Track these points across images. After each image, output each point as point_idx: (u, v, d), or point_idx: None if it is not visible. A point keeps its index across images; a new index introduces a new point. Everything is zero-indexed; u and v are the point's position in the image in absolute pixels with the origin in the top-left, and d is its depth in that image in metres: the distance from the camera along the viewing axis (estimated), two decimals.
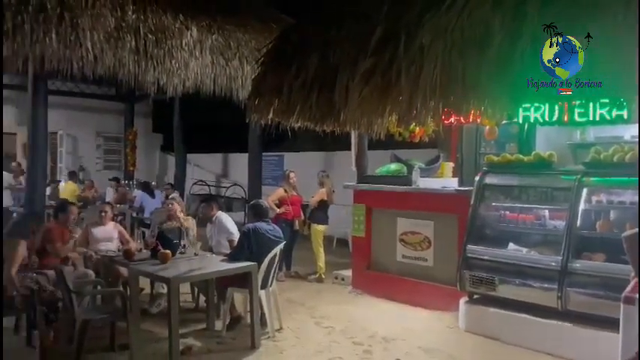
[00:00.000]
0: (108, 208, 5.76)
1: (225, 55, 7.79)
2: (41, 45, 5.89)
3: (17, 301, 3.97)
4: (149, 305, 5.32)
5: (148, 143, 15.81)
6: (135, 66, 6.81)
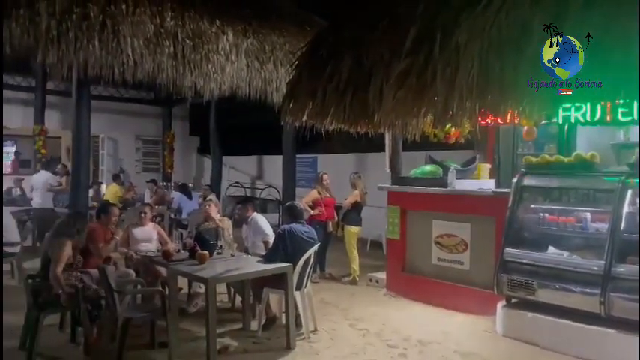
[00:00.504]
0: (147, 210, 5.92)
1: (260, 58, 7.91)
2: (85, 52, 6.12)
3: (63, 299, 4.12)
4: (187, 304, 5.43)
5: (185, 146, 16.15)
6: (173, 71, 6.99)
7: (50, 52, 5.94)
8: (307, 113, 5.10)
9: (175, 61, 6.92)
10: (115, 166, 14.54)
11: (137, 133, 15.34)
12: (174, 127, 15.36)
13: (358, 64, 4.57)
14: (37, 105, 12.41)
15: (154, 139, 15.66)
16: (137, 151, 15.57)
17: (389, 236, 6.57)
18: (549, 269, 4.55)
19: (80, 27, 5.99)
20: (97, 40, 6.15)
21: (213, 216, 6.01)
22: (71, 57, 6.08)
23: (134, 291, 4.78)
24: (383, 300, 6.17)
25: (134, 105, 14.71)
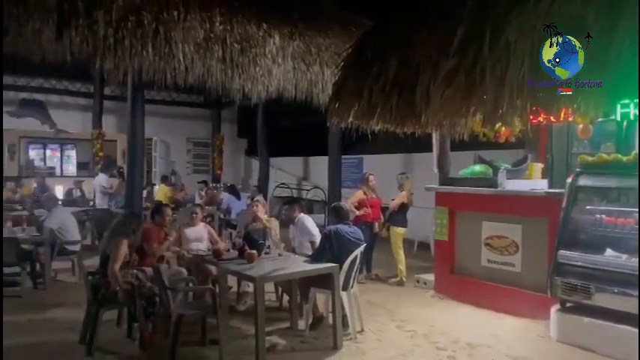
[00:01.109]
0: (198, 210, 6.09)
1: (306, 60, 7.97)
2: (139, 58, 6.37)
3: (120, 296, 4.31)
4: (236, 303, 5.55)
5: (233, 148, 16.50)
6: (222, 74, 7.16)
7: (107, 59, 6.23)
8: (353, 114, 5.12)
9: (224, 65, 7.08)
10: (167, 167, 15.03)
11: (188, 135, 15.81)
12: (223, 129, 15.74)
13: (405, 63, 4.54)
14: (95, 110, 13.02)
15: (203, 142, 16.09)
16: (188, 153, 16.04)
17: (437, 237, 6.48)
18: (607, 272, 4.37)
19: (135, 34, 6.22)
20: (151, 46, 6.38)
21: (260, 216, 6.11)
22: (127, 63, 6.34)
23: (187, 289, 4.93)
24: (430, 302, 6.09)
25: (185, 108, 15.17)
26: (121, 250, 4.40)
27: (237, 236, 6.01)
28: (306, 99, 8.24)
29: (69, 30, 5.86)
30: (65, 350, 4.37)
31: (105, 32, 6.04)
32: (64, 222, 6.78)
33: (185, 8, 6.67)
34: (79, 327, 4.67)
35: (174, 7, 6.59)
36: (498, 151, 7.19)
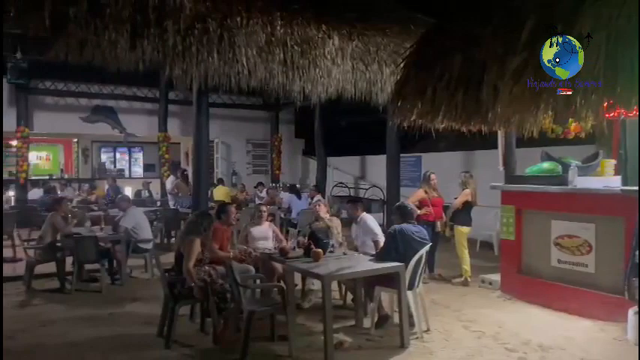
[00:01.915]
0: (264, 209, 6.26)
1: (365, 60, 7.99)
2: (205, 64, 6.62)
3: (195, 292, 4.52)
4: (301, 300, 5.67)
5: (291, 148, 16.76)
6: (283, 77, 7.32)
7: (176, 65, 6.52)
8: (417, 112, 5.08)
9: (285, 68, 7.22)
10: (228, 168, 15.49)
11: (247, 137, 16.21)
12: (281, 130, 16.04)
13: (469, 60, 4.46)
14: (161, 114, 13.61)
15: (262, 143, 16.45)
16: (248, 154, 16.45)
17: (503, 237, 6.34)
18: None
19: (201, 41, 6.47)
20: (216, 52, 6.62)
21: (323, 216, 6.21)
22: (194, 69, 6.61)
23: (257, 286, 5.08)
24: (497, 302, 5.97)
25: (244, 110, 15.56)
26: (194, 248, 4.61)
27: (300, 235, 6.13)
28: (365, 98, 8.26)
29: (141, 39, 6.18)
30: (144, 342, 4.63)
31: (174, 40, 6.31)
32: (138, 221, 7.15)
33: (247, 13, 6.86)
34: (154, 321, 4.95)
35: (238, 13, 6.79)
36: (566, 147, 6.93)
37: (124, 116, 14.20)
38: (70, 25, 5.68)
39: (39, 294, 6.36)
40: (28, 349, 4.50)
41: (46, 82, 12.89)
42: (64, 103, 13.52)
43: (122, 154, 16.96)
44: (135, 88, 13.98)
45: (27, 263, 6.56)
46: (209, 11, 6.58)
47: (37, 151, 14.62)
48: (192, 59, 6.54)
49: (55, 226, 6.65)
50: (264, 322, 4.66)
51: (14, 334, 4.84)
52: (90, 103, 13.73)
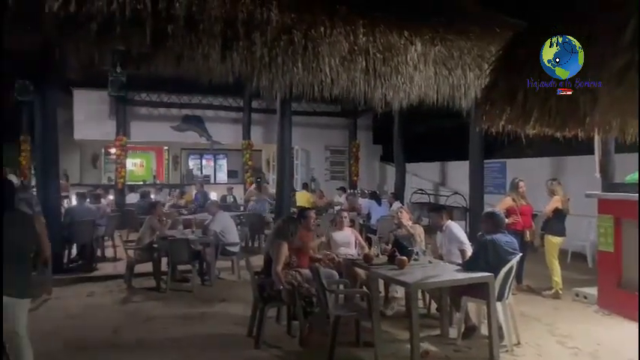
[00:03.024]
0: (345, 215, 6.33)
1: (448, 65, 7.86)
2: (290, 74, 6.84)
3: (283, 294, 4.67)
4: (384, 307, 5.66)
5: (369, 154, 16.77)
6: (365, 84, 7.39)
7: (263, 76, 6.78)
8: (506, 118, 4.93)
9: (367, 75, 7.29)
10: (307, 175, 15.78)
11: (326, 143, 16.43)
12: (359, 136, 16.12)
13: None
14: (245, 122, 14.17)
15: (340, 149, 16.61)
16: (326, 161, 16.66)
17: (601, 248, 5.96)
18: None
19: (287, 52, 6.69)
20: (300, 62, 6.82)
21: (405, 223, 6.18)
22: (279, 79, 6.85)
23: (343, 291, 5.13)
24: (594, 317, 5.62)
25: (323, 118, 15.81)
26: (282, 252, 4.77)
27: (383, 242, 6.13)
28: (447, 103, 8.14)
29: (231, 52, 6.50)
30: (236, 341, 4.84)
31: (261, 52, 6.59)
32: (226, 225, 7.49)
33: (331, 23, 7.01)
34: (243, 321, 5.16)
35: (321, 23, 6.95)
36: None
37: (211, 125, 14.92)
38: (168, 40, 6.11)
39: (138, 291, 6.84)
40: (132, 343, 4.86)
41: (141, 94, 13.86)
42: (157, 113, 14.45)
43: (208, 160, 17.82)
44: (221, 98, 14.66)
45: (127, 263, 7.08)
46: (294, 22, 6.79)
47: (133, 159, 15.73)
48: (277, 70, 6.79)
49: (151, 228, 7.13)
50: (349, 327, 4.72)
51: (119, 328, 5.26)
52: (180, 112, 14.58)
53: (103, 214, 8.84)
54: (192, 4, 6.14)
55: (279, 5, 6.70)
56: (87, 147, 15.49)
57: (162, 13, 5.95)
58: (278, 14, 6.67)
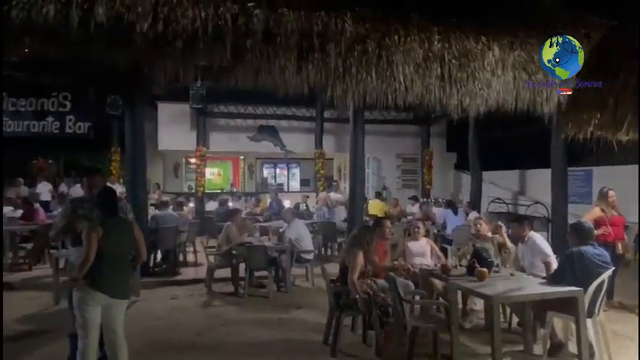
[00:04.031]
0: (420, 225, 6.25)
1: (528, 69, 7.56)
2: (364, 83, 6.87)
3: (360, 303, 4.68)
4: (462, 320, 5.49)
5: (442, 162, 16.42)
6: (440, 91, 7.27)
7: (337, 86, 6.87)
8: (595, 124, 4.67)
9: (442, 82, 7.17)
10: (378, 183, 15.70)
11: (397, 151, 16.28)
12: (431, 144, 15.83)
13: None
14: (317, 132, 14.37)
15: (412, 157, 16.39)
16: (397, 169, 16.50)
17: None
18: None
19: (361, 61, 6.74)
20: (374, 71, 6.84)
21: (484, 233, 5.99)
22: (353, 89, 6.90)
23: (421, 302, 5.04)
24: None
25: (395, 126, 15.70)
26: (357, 261, 4.78)
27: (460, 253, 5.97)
28: (528, 109, 7.82)
29: (306, 64, 6.65)
30: (312, 349, 4.90)
31: (335, 63, 6.68)
32: (300, 233, 7.62)
33: (405, 31, 6.98)
34: (319, 328, 5.21)
35: (395, 32, 6.94)
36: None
37: (284, 134, 15.27)
38: (247, 54, 6.36)
39: (218, 296, 7.10)
40: (213, 345, 5.07)
41: (220, 106, 14.47)
42: (234, 124, 15.00)
43: (281, 169, 18.20)
44: (294, 108, 14.98)
45: (208, 268, 7.38)
46: (368, 32, 6.84)
47: (211, 168, 16.38)
48: (351, 79, 6.85)
49: (229, 235, 7.39)
50: (427, 338, 4.63)
51: (201, 331, 5.49)
52: (255, 123, 15.05)
53: (185, 221, 9.28)
54: (269, 18, 6.37)
55: (354, 16, 6.79)
56: (169, 157, 16.34)
57: (242, 27, 6.22)
58: (352, 25, 6.74)
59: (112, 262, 3.47)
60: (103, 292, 3.45)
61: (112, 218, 3.60)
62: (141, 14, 5.75)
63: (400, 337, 4.52)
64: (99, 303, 3.47)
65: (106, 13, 5.66)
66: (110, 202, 3.65)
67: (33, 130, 11.19)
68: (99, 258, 3.39)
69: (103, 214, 3.56)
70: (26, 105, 10.97)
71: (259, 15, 6.29)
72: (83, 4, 5.61)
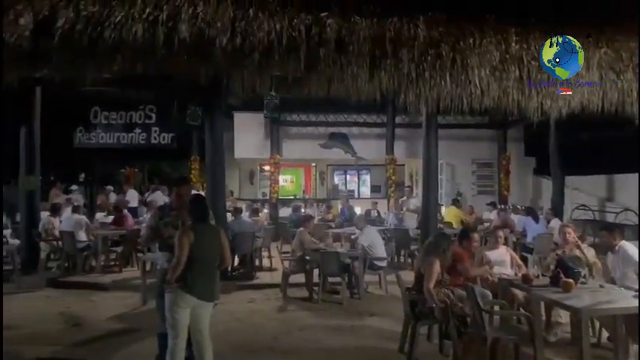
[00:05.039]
0: (500, 233, 6.02)
1: (616, 68, 7.13)
2: (438, 88, 6.77)
3: (436, 312, 4.59)
4: (545, 333, 5.23)
5: (520, 167, 15.74)
6: (518, 94, 7.01)
7: (410, 92, 6.82)
8: None
9: (521, 85, 6.92)
10: (452, 189, 15.31)
11: (472, 157, 15.77)
12: (509, 148, 15.23)
13: None
14: (388, 137, 14.28)
15: (488, 162, 15.82)
16: (472, 175, 15.99)
17: None
18: None
19: (434, 66, 6.65)
20: (448, 75, 6.72)
21: (571, 242, 5.67)
22: (427, 93, 6.82)
23: (503, 313, 4.84)
24: None
25: (469, 130, 15.23)
26: (434, 269, 4.70)
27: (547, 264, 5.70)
28: (615, 110, 7.36)
29: (379, 70, 6.65)
30: (387, 357, 4.88)
31: (408, 68, 6.64)
32: (373, 240, 7.60)
33: (480, 34, 6.81)
34: (393, 336, 5.17)
35: (470, 35, 6.79)
36: None
37: (355, 141, 15.29)
38: (320, 63, 6.47)
39: (292, 301, 7.24)
40: (290, 349, 5.17)
41: (292, 115, 14.77)
42: (306, 131, 15.24)
43: (352, 176, 18.24)
44: (365, 115, 14.97)
45: (283, 273, 7.54)
46: (441, 36, 6.75)
47: (284, 175, 16.72)
48: (425, 84, 6.78)
49: (303, 240, 7.51)
50: (507, 350, 4.46)
51: (278, 335, 5.63)
52: (327, 130, 15.20)
53: (261, 227, 9.54)
54: (342, 27, 6.46)
55: (426, 20, 6.73)
56: (245, 165, 16.86)
57: (315, 37, 6.34)
58: (425, 29, 6.69)
59: (201, 266, 3.66)
60: (193, 294, 3.64)
61: (202, 224, 3.80)
62: (220, 29, 6.03)
63: (479, 349, 4.38)
64: (189, 305, 3.67)
65: (189, 29, 5.99)
66: (201, 209, 3.86)
67: (123, 141, 12.02)
68: (189, 262, 3.59)
69: (194, 221, 3.77)
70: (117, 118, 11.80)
71: (332, 24, 6.39)
72: (168, 22, 5.97)
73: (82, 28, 5.93)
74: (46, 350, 5.09)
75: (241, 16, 6.15)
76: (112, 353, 5.03)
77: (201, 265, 3.66)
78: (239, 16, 6.15)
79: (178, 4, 6.06)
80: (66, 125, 12.14)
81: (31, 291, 7.70)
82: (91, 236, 8.87)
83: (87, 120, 11.78)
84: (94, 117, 11.79)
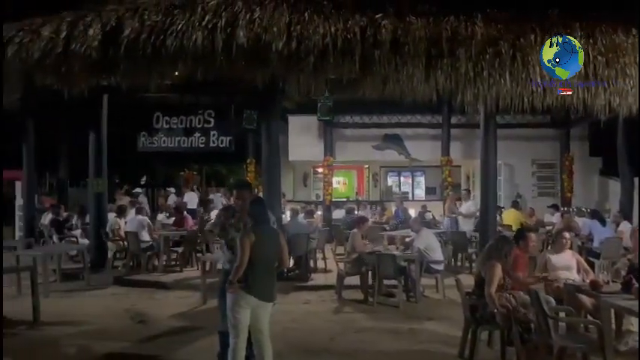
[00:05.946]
0: (567, 236, 5.77)
1: None
2: (497, 86, 6.59)
3: (498, 318, 4.46)
4: (616, 341, 4.96)
5: (584, 168, 15.01)
6: (583, 91, 6.71)
7: (468, 91, 6.67)
8: None
9: (586, 81, 6.61)
10: (511, 191, 14.81)
11: (533, 157, 15.22)
12: (572, 148, 14.57)
13: None
14: (443, 139, 14.03)
15: (549, 163, 15.22)
16: (532, 176, 15.42)
17: None
18: None
19: (493, 64, 6.48)
20: (508, 73, 6.52)
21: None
22: (485, 93, 6.65)
23: (571, 320, 4.65)
24: None
25: (529, 130, 14.71)
26: (495, 274, 4.57)
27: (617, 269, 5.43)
28: None
29: (435, 70, 6.55)
30: None
31: (466, 67, 6.49)
32: (429, 243, 7.47)
33: (542, 30, 6.57)
34: (452, 341, 5.07)
35: (531, 31, 6.57)
36: None
37: (409, 142, 15.11)
38: (375, 65, 6.45)
39: (348, 303, 7.23)
40: (347, 352, 5.17)
41: (345, 117, 14.79)
42: (359, 133, 15.22)
43: (406, 177, 18.03)
44: (419, 116, 14.77)
45: (338, 275, 7.56)
46: (501, 34, 6.57)
47: (337, 177, 16.75)
48: (483, 83, 6.62)
49: (356, 242, 7.49)
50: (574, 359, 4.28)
51: (335, 336, 5.64)
52: (380, 132, 15.11)
53: (315, 229, 9.60)
54: (397, 27, 6.41)
55: (484, 18, 6.57)
56: (299, 167, 17.03)
57: (370, 39, 6.34)
58: (483, 27, 6.54)
59: (261, 267, 3.74)
60: (254, 294, 3.73)
61: (262, 226, 3.88)
62: (276, 34, 6.14)
63: (544, 357, 4.22)
64: (250, 305, 3.76)
65: (246, 35, 6.14)
66: (262, 212, 3.95)
67: (183, 145, 12.41)
68: (250, 263, 3.68)
69: (255, 223, 3.86)
70: (177, 123, 12.22)
71: (387, 25, 6.37)
72: (226, 28, 6.14)
73: (146, 37, 6.22)
74: (116, 346, 5.34)
75: (297, 19, 6.25)
76: (176, 350, 5.21)
77: (261, 267, 3.74)
78: (295, 20, 6.25)
79: (236, 10, 6.23)
80: (130, 130, 12.70)
81: (100, 288, 8.11)
82: (154, 236, 9.23)
83: (149, 125, 12.24)
84: (156, 122, 12.23)
